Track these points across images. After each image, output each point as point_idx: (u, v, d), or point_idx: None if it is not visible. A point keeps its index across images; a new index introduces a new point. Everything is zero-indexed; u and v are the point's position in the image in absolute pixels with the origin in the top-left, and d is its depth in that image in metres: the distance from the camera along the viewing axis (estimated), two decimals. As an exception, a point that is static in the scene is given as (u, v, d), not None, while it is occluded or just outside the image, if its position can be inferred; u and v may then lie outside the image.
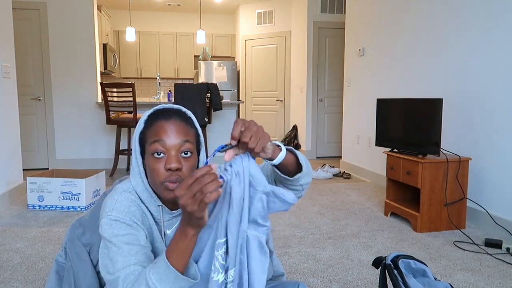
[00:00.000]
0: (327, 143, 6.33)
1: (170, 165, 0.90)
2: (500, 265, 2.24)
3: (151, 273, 0.82)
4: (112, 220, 0.92)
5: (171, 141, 0.92)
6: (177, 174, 0.92)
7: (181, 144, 0.93)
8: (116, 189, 0.99)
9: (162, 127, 0.93)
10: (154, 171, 0.92)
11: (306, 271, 2.16)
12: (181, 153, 0.93)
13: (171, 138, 0.92)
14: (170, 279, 0.81)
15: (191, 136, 0.96)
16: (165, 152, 0.92)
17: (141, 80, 8.16)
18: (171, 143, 0.92)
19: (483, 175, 2.89)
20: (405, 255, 1.33)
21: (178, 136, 0.93)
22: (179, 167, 0.91)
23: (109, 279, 0.89)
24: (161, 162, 0.92)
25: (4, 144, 3.42)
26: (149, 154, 0.94)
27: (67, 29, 5.06)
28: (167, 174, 0.91)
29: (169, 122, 0.94)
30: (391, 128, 3.14)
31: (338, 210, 3.33)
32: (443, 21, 3.29)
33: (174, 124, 0.94)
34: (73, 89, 5.15)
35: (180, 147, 0.93)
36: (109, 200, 0.96)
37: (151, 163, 0.93)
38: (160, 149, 0.92)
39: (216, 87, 4.80)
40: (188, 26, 8.23)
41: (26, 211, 3.27)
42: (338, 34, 6.09)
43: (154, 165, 0.92)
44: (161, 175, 0.92)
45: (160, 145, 0.92)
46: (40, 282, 2.02)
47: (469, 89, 3.01)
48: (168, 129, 0.93)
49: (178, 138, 0.93)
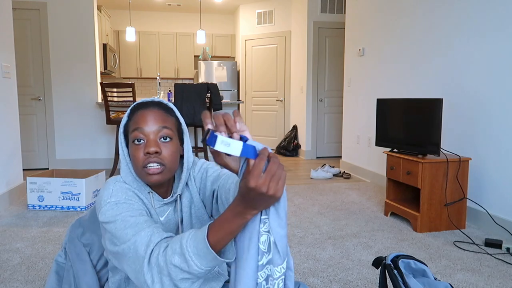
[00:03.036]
0: (327, 143, 6.33)
1: (149, 149, 0.94)
2: (500, 265, 2.24)
3: (189, 245, 0.78)
4: (113, 204, 0.94)
5: (149, 128, 0.97)
6: (157, 157, 0.96)
7: (159, 129, 0.97)
8: (108, 182, 1.01)
9: (142, 116, 0.98)
10: (134, 157, 0.97)
11: (306, 271, 2.16)
12: (159, 138, 0.97)
13: (149, 125, 0.97)
14: (208, 258, 0.78)
15: (170, 123, 1.00)
16: (144, 138, 0.97)
17: (141, 80, 8.16)
18: (149, 129, 0.97)
19: (483, 175, 2.89)
20: (405, 255, 1.33)
21: (156, 122, 0.97)
22: (157, 150, 0.95)
23: (117, 250, 0.87)
24: (140, 148, 0.96)
25: (4, 144, 3.42)
26: (131, 143, 0.98)
27: (67, 29, 5.06)
28: (145, 158, 0.96)
29: (147, 110, 0.99)
30: (391, 128, 3.14)
31: (338, 210, 3.33)
32: (443, 21, 3.29)
33: (152, 112, 0.99)
34: (73, 89, 5.15)
35: (158, 133, 0.97)
36: (104, 191, 0.98)
37: (133, 150, 0.97)
38: (139, 136, 0.96)
39: (216, 87, 4.80)
40: (188, 26, 8.23)
41: (26, 211, 3.27)
42: (338, 34, 6.09)
43: (135, 151, 0.97)
44: (141, 160, 0.96)
45: (139, 132, 0.96)
46: (40, 282, 2.02)
47: (469, 89, 3.01)
48: (147, 116, 0.98)
49: (156, 125, 0.97)
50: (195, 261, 0.77)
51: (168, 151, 0.98)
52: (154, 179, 0.96)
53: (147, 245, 0.84)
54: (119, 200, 0.95)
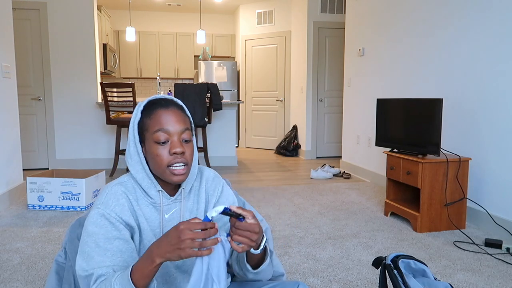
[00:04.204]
0: (327, 143, 6.33)
1: (176, 149, 0.98)
2: (500, 265, 2.24)
3: (116, 283, 0.87)
4: (99, 216, 0.97)
5: (174, 128, 1.00)
6: (182, 157, 1.00)
7: (182, 130, 1.01)
8: (108, 185, 1.04)
9: (163, 116, 1.00)
10: (158, 156, 0.99)
11: (306, 271, 2.16)
12: (182, 140, 1.01)
13: (174, 126, 1.00)
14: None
15: (188, 124, 1.04)
16: (168, 139, 0.99)
17: (141, 80, 8.16)
18: (174, 130, 0.99)
19: (483, 175, 2.89)
20: (405, 255, 1.33)
21: (179, 123, 1.01)
22: (183, 151, 0.99)
23: (81, 274, 0.94)
24: (165, 148, 0.99)
25: (4, 144, 3.42)
26: (151, 142, 1.00)
27: (67, 29, 5.06)
28: (172, 158, 0.99)
29: (168, 110, 1.01)
30: (391, 128, 3.14)
31: (338, 210, 3.33)
32: (443, 21, 3.29)
33: (174, 113, 1.01)
34: (73, 89, 5.15)
35: (181, 134, 1.01)
36: (101, 193, 1.02)
37: (155, 150, 0.99)
38: (164, 138, 0.99)
39: (216, 87, 4.80)
40: (188, 26, 8.23)
41: (26, 211, 3.27)
42: (338, 34, 6.09)
43: (158, 151, 0.99)
44: (166, 159, 0.99)
45: (164, 133, 0.99)
46: (40, 282, 2.02)
47: (469, 89, 3.01)
48: (169, 117, 1.00)
49: (179, 126, 1.00)
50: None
51: (190, 151, 1.02)
52: (178, 179, 1.00)
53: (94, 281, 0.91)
54: (105, 213, 0.97)
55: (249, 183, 4.39)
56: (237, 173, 5.00)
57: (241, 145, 7.63)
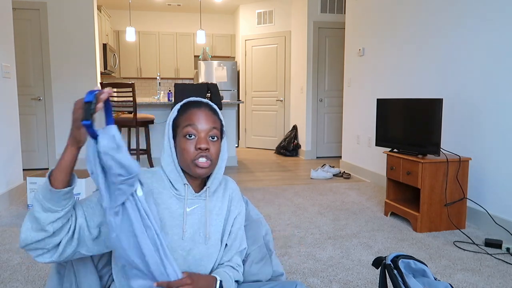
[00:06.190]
0: (327, 143, 6.33)
1: (201, 145, 1.06)
2: (500, 265, 2.25)
3: (40, 192, 0.94)
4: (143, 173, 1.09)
5: (202, 125, 1.09)
6: (206, 153, 1.07)
7: (210, 129, 1.09)
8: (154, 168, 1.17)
9: (195, 114, 1.10)
10: (185, 150, 1.07)
11: (306, 271, 2.16)
12: (209, 136, 1.09)
13: (202, 123, 1.09)
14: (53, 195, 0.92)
15: (217, 124, 1.12)
16: (196, 134, 1.08)
17: (141, 80, 8.16)
18: (201, 127, 1.08)
19: (483, 175, 2.89)
20: (405, 255, 1.33)
21: (207, 122, 1.09)
22: (208, 147, 1.07)
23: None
24: (192, 143, 1.07)
25: (4, 144, 3.42)
26: (181, 136, 1.09)
27: (67, 29, 5.06)
28: (197, 153, 1.07)
29: (200, 109, 1.11)
30: (391, 128, 3.14)
31: (338, 210, 3.33)
32: (444, 22, 3.29)
33: (204, 112, 1.11)
34: (73, 89, 5.15)
35: (208, 131, 1.09)
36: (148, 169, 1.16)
37: (183, 143, 1.08)
38: (192, 132, 1.08)
39: (216, 87, 4.80)
40: (188, 26, 8.23)
41: (26, 211, 3.27)
42: (338, 34, 6.10)
43: (186, 145, 1.07)
44: (192, 153, 1.07)
45: (192, 128, 1.08)
46: (40, 282, 2.02)
47: (469, 89, 3.01)
48: (200, 115, 1.09)
49: (208, 124, 1.09)
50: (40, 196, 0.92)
51: (215, 149, 1.10)
52: (202, 172, 1.07)
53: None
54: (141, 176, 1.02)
55: (249, 183, 4.39)
56: (237, 173, 5.00)
57: (241, 145, 7.63)
